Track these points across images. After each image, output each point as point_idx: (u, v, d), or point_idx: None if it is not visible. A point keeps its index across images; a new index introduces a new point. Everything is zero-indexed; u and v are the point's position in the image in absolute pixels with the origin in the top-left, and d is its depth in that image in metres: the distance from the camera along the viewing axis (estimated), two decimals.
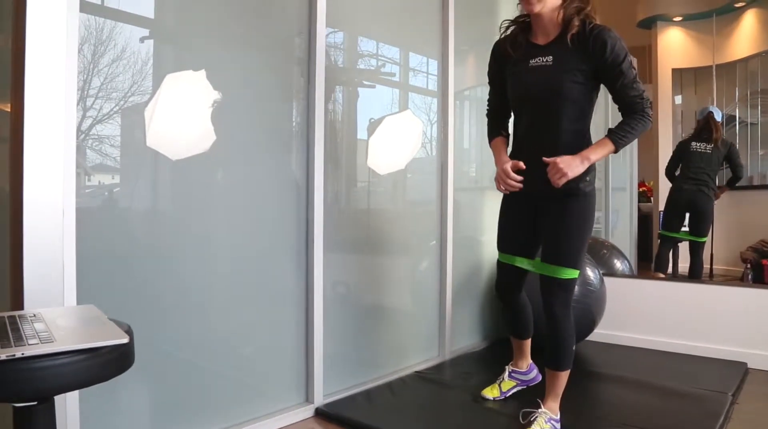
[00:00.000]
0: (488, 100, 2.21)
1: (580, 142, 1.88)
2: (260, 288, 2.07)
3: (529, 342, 2.33)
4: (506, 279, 2.17)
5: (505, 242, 2.13)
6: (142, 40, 1.76)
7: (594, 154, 1.83)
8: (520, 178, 1.93)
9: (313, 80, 2.19)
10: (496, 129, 2.15)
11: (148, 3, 1.79)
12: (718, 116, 4.23)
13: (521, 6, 1.88)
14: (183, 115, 1.83)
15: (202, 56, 1.90)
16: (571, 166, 1.79)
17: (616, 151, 1.84)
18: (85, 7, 1.58)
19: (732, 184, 4.37)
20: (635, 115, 1.85)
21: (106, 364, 1.03)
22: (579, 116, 1.89)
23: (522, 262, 2.08)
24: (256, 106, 2.05)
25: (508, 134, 2.14)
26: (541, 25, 1.90)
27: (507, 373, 2.35)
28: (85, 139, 1.64)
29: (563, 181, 1.80)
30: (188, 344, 1.86)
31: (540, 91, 1.90)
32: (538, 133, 1.93)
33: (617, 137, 1.84)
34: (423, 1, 2.86)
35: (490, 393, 2.30)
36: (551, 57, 1.87)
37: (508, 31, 2.01)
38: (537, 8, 1.83)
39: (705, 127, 4.13)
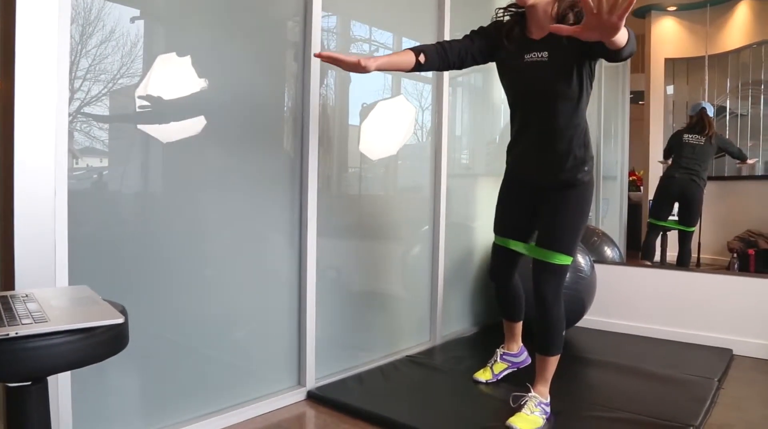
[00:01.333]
0: (454, 39, 1.98)
1: (577, 135, 1.87)
2: (253, 271, 2.07)
3: (520, 325, 2.36)
4: (500, 262, 2.19)
5: (501, 226, 2.15)
6: (132, 20, 1.73)
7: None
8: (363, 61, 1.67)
9: (308, 64, 2.18)
10: (426, 49, 1.86)
11: None
12: (710, 112, 4.27)
13: None
14: (174, 97, 1.81)
15: (194, 38, 1.88)
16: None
17: (624, 47, 1.50)
18: None
19: (744, 160, 4.50)
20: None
21: (100, 344, 1.03)
22: (575, 110, 1.86)
23: (516, 246, 2.10)
24: (248, 89, 2.03)
25: (422, 66, 1.85)
26: (536, 18, 1.85)
27: (498, 355, 2.38)
28: (74, 121, 1.62)
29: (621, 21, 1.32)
30: (180, 327, 1.86)
31: (535, 87, 1.87)
32: (536, 128, 1.92)
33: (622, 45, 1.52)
34: None
35: (483, 376, 2.33)
36: (546, 53, 1.82)
37: (503, 19, 1.95)
38: (530, 1, 1.79)
39: (698, 122, 4.18)
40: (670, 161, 4.46)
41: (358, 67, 1.67)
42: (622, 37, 1.43)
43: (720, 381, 2.46)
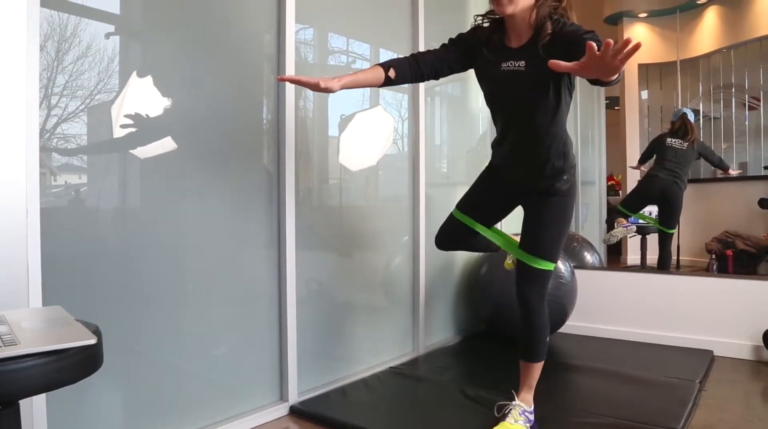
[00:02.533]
0: (428, 50, 1.94)
1: (556, 145, 1.86)
2: (233, 286, 2.05)
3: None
4: (453, 234, 2.16)
5: (469, 206, 2.11)
6: (107, 36, 1.72)
7: None
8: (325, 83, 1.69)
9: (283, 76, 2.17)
10: (396, 64, 1.84)
11: None
12: (691, 117, 4.36)
13: (491, 5, 1.78)
14: (150, 112, 1.80)
15: (170, 52, 1.87)
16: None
17: (615, 78, 1.47)
18: (47, 2, 1.54)
19: (726, 170, 4.59)
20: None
21: (73, 366, 1.00)
22: (552, 120, 1.83)
23: (477, 227, 2.09)
24: (225, 103, 2.02)
25: (393, 81, 1.83)
26: (514, 26, 1.81)
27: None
28: (51, 138, 1.60)
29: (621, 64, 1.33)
30: (160, 344, 1.83)
31: (513, 97, 1.85)
32: (514, 135, 1.91)
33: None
34: None
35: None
36: (523, 62, 1.78)
37: (483, 25, 1.91)
38: (509, 10, 1.73)
39: (681, 127, 4.28)
40: (644, 167, 4.53)
41: (321, 89, 1.67)
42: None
43: (701, 383, 2.48)
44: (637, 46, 1.28)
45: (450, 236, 2.18)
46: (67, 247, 1.61)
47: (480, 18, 1.92)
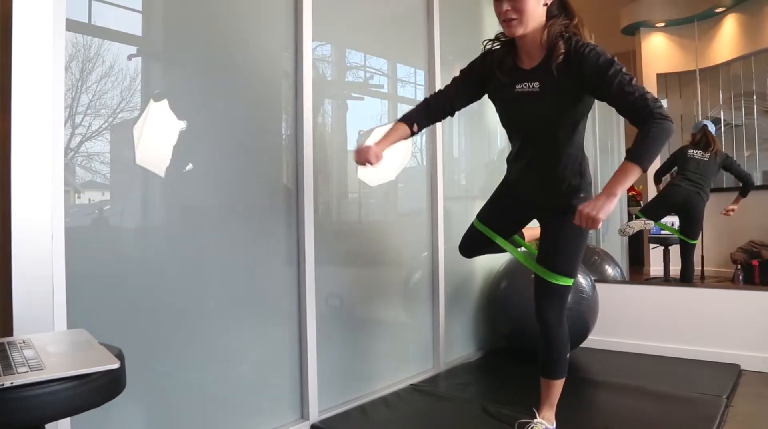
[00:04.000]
0: (440, 90, 2.04)
1: (572, 164, 1.86)
2: (253, 303, 2.06)
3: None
4: (475, 243, 2.20)
5: (489, 218, 2.14)
6: (129, 57, 1.76)
7: (619, 186, 1.60)
8: (373, 159, 1.85)
9: (301, 93, 2.19)
10: (415, 116, 1.96)
11: (136, 20, 1.79)
12: (712, 129, 4.34)
13: (501, 27, 1.79)
14: (172, 131, 1.83)
15: (190, 73, 1.90)
16: (599, 209, 1.59)
17: (644, 170, 1.60)
18: (71, 26, 1.58)
19: (745, 193, 4.44)
20: (647, 121, 1.60)
21: (96, 390, 1.02)
22: (568, 139, 1.83)
23: (502, 243, 2.13)
24: (245, 121, 2.05)
25: (417, 132, 1.99)
26: (525, 47, 1.80)
27: None
28: (75, 156, 1.63)
29: (598, 225, 1.60)
30: (182, 363, 1.84)
31: (528, 118, 1.84)
32: (530, 154, 1.91)
33: (637, 155, 1.59)
34: (408, 12, 2.87)
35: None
36: (538, 83, 1.77)
37: (492, 49, 1.92)
38: (519, 31, 1.72)
39: (702, 139, 4.24)
40: (664, 181, 4.48)
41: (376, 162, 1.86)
42: (629, 183, 1.64)
43: (728, 398, 2.43)
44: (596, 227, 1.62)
45: (472, 245, 2.22)
46: (91, 266, 1.62)
47: (489, 43, 1.93)
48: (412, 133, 1.97)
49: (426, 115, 1.99)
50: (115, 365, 1.04)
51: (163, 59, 1.88)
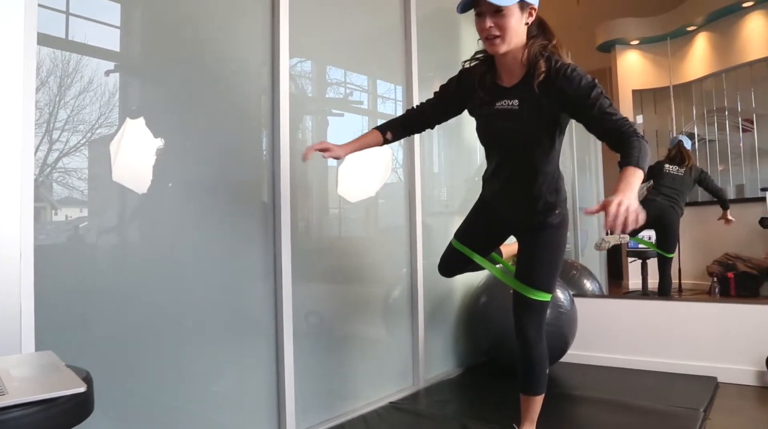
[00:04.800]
0: (421, 103, 2.07)
1: (548, 182, 1.86)
2: (230, 321, 2.03)
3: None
4: (454, 261, 2.19)
5: (466, 236, 2.15)
6: (107, 73, 1.74)
7: (631, 185, 1.52)
8: (322, 152, 1.93)
9: (278, 109, 2.18)
10: (390, 126, 2.02)
11: (114, 36, 1.78)
12: (687, 145, 4.44)
13: (483, 44, 1.78)
14: (149, 146, 1.80)
15: (168, 87, 1.89)
16: (630, 199, 1.45)
17: (644, 172, 1.56)
18: (48, 41, 1.56)
19: (725, 207, 4.56)
20: (631, 136, 1.59)
21: (62, 415, 0.98)
22: (546, 157, 1.83)
23: (480, 261, 2.13)
24: (222, 137, 2.03)
25: (390, 141, 2.03)
26: (506, 65, 1.80)
27: None
28: (51, 172, 1.61)
29: (634, 225, 1.43)
30: (156, 383, 1.80)
31: (507, 136, 1.85)
32: (507, 172, 1.92)
33: (638, 160, 1.55)
34: (386, 30, 2.89)
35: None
36: (517, 101, 1.78)
37: (473, 65, 1.92)
38: (502, 49, 1.71)
39: (677, 154, 4.34)
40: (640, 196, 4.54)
41: (333, 156, 1.94)
42: (638, 184, 1.54)
43: (706, 411, 2.44)
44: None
45: (451, 264, 2.22)
46: (63, 284, 1.59)
47: (468, 63, 1.94)
48: (385, 141, 2.02)
49: (403, 125, 2.04)
50: (82, 389, 1.00)
51: (141, 75, 1.87)
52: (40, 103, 1.57)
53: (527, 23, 1.74)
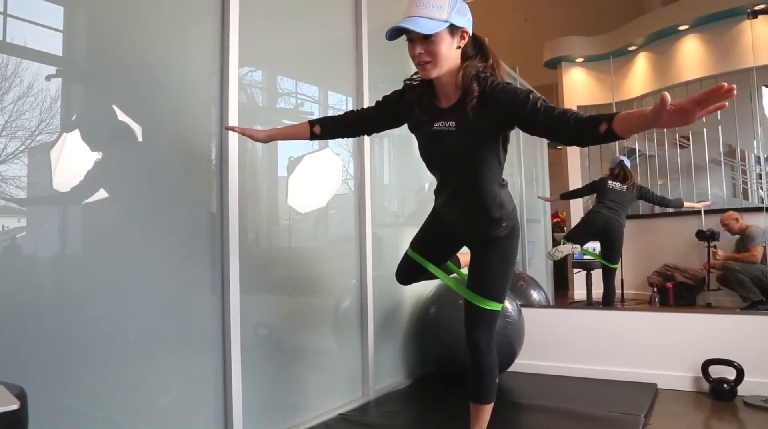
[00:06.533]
0: (362, 108, 2.09)
1: (492, 198, 1.88)
2: (176, 334, 1.98)
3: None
4: (410, 270, 2.23)
5: (420, 246, 2.18)
6: (48, 78, 1.68)
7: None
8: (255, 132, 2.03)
9: (226, 118, 2.15)
10: (324, 121, 2.04)
11: (56, 40, 1.72)
12: (628, 164, 4.70)
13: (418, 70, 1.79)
14: (91, 155, 1.75)
15: (112, 94, 1.84)
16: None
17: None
18: None
19: (679, 205, 4.94)
20: (587, 117, 1.53)
21: None
22: (487, 176, 1.84)
23: (434, 270, 2.17)
24: (169, 145, 1.99)
25: (318, 136, 2.04)
26: (442, 88, 1.81)
27: None
28: None
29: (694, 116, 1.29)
30: (98, 399, 1.73)
31: (445, 156, 1.86)
32: (450, 189, 1.94)
33: (609, 114, 1.48)
34: (338, 41, 2.90)
35: None
36: (454, 122, 1.79)
37: (413, 84, 1.92)
38: (433, 74, 1.72)
39: (620, 173, 4.56)
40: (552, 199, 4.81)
41: (255, 139, 1.99)
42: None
43: (646, 417, 2.53)
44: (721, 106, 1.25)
45: (407, 272, 2.24)
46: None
47: (408, 82, 1.94)
48: (312, 135, 2.03)
49: (337, 124, 2.06)
50: (14, 406, 0.96)
51: (85, 80, 1.81)
52: None
53: (459, 46, 1.75)
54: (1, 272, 1.55)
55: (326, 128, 2.02)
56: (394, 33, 1.71)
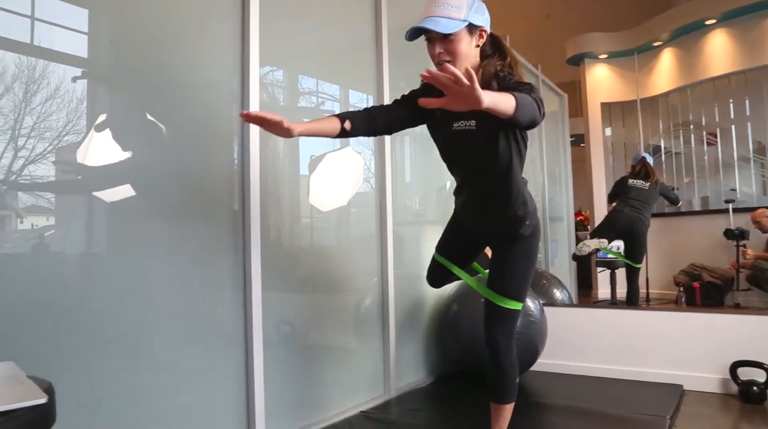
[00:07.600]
0: (384, 104, 2.01)
1: (514, 196, 1.86)
2: (198, 331, 2.00)
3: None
4: (438, 273, 2.25)
5: (445, 249, 2.20)
6: (74, 79, 1.71)
7: (497, 97, 1.42)
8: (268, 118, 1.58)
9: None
10: (352, 115, 1.80)
11: (82, 42, 1.75)
12: (650, 161, 4.63)
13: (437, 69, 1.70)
14: (117, 154, 1.78)
15: (136, 95, 1.86)
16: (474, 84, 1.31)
17: (513, 115, 1.45)
18: (12, 46, 1.54)
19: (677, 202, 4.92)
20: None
21: (22, 426, 0.96)
22: (508, 173, 1.83)
23: (459, 272, 2.18)
24: (192, 145, 2.01)
25: (347, 132, 1.79)
26: None
27: None
28: (17, 179, 1.57)
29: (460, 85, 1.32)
30: (122, 395, 1.76)
31: (466, 155, 1.86)
32: (472, 189, 1.94)
33: (519, 96, 1.48)
34: (359, 40, 2.91)
35: None
36: (474, 122, 1.78)
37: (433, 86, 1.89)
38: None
39: (641, 170, 4.52)
40: (614, 204, 4.72)
41: (282, 129, 1.58)
42: (502, 104, 1.41)
43: (672, 419, 2.49)
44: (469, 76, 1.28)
45: (436, 275, 2.27)
46: (27, 294, 1.55)
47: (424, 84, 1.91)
48: (342, 131, 1.77)
49: (364, 120, 1.84)
50: (42, 400, 0.98)
51: (110, 82, 1.84)
52: (5, 110, 1.54)
53: (478, 45, 1.76)
54: (31, 269, 1.59)
55: (356, 124, 1.80)
56: (414, 33, 1.72)
